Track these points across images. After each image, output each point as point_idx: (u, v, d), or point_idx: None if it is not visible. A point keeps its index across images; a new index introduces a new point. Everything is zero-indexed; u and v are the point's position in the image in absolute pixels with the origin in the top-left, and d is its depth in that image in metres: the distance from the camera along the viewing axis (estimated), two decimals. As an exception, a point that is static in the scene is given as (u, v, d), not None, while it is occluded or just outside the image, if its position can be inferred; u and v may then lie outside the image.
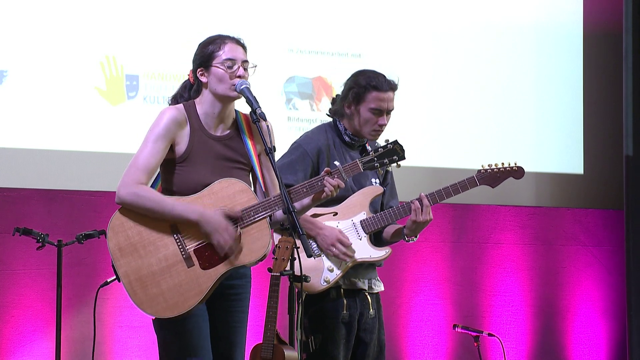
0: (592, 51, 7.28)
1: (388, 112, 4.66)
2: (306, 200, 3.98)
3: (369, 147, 4.72)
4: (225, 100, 3.97)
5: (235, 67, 3.95)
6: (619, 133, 7.22)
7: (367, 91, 4.62)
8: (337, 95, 4.76)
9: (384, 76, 4.67)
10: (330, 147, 4.64)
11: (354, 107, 4.65)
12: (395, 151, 4.08)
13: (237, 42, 4.00)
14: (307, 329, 4.56)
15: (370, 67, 4.75)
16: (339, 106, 4.69)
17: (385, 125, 4.66)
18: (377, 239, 4.74)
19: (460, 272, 7.08)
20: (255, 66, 4.02)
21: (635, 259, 7.14)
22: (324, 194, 3.94)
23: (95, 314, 5.01)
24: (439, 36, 6.85)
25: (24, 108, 5.85)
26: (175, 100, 4.08)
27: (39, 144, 5.88)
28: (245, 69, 3.97)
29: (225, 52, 3.96)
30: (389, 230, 4.72)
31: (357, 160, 4.05)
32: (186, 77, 4.09)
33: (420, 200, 4.57)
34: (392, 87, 4.66)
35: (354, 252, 4.59)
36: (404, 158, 4.10)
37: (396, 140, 4.10)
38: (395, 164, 4.12)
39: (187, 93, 4.06)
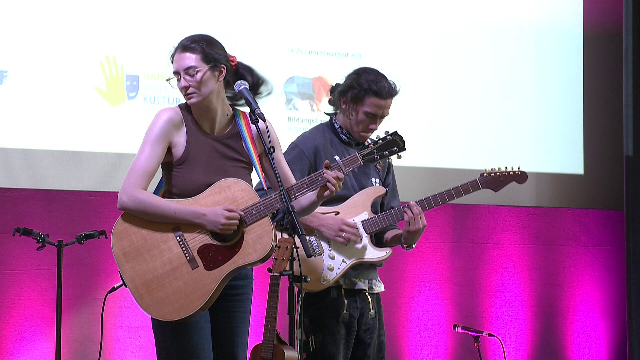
0: (592, 51, 7.27)
1: (382, 117, 4.63)
2: (312, 197, 3.97)
3: (368, 141, 4.72)
4: (196, 105, 3.94)
5: (178, 82, 3.93)
6: (619, 133, 7.22)
7: (367, 94, 4.56)
8: (336, 84, 4.70)
9: (386, 81, 4.60)
10: (327, 146, 4.62)
11: (351, 105, 4.61)
12: (395, 142, 4.04)
13: (183, 48, 3.93)
14: (307, 328, 4.56)
15: (374, 66, 4.71)
16: (336, 98, 4.66)
17: (376, 129, 4.61)
18: (377, 240, 4.73)
19: (461, 272, 7.08)
20: (210, 67, 3.93)
21: (635, 259, 7.14)
22: (328, 190, 3.93)
23: (102, 322, 4.99)
24: (439, 36, 6.85)
25: (24, 108, 5.85)
26: None
27: (39, 144, 5.88)
28: (192, 75, 3.89)
29: (174, 66, 3.95)
30: (389, 234, 4.71)
31: (357, 153, 4.03)
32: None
33: (410, 209, 4.52)
34: (391, 94, 4.60)
35: (360, 234, 4.56)
36: (404, 149, 4.05)
37: (395, 131, 4.06)
38: (395, 155, 4.09)
39: None
